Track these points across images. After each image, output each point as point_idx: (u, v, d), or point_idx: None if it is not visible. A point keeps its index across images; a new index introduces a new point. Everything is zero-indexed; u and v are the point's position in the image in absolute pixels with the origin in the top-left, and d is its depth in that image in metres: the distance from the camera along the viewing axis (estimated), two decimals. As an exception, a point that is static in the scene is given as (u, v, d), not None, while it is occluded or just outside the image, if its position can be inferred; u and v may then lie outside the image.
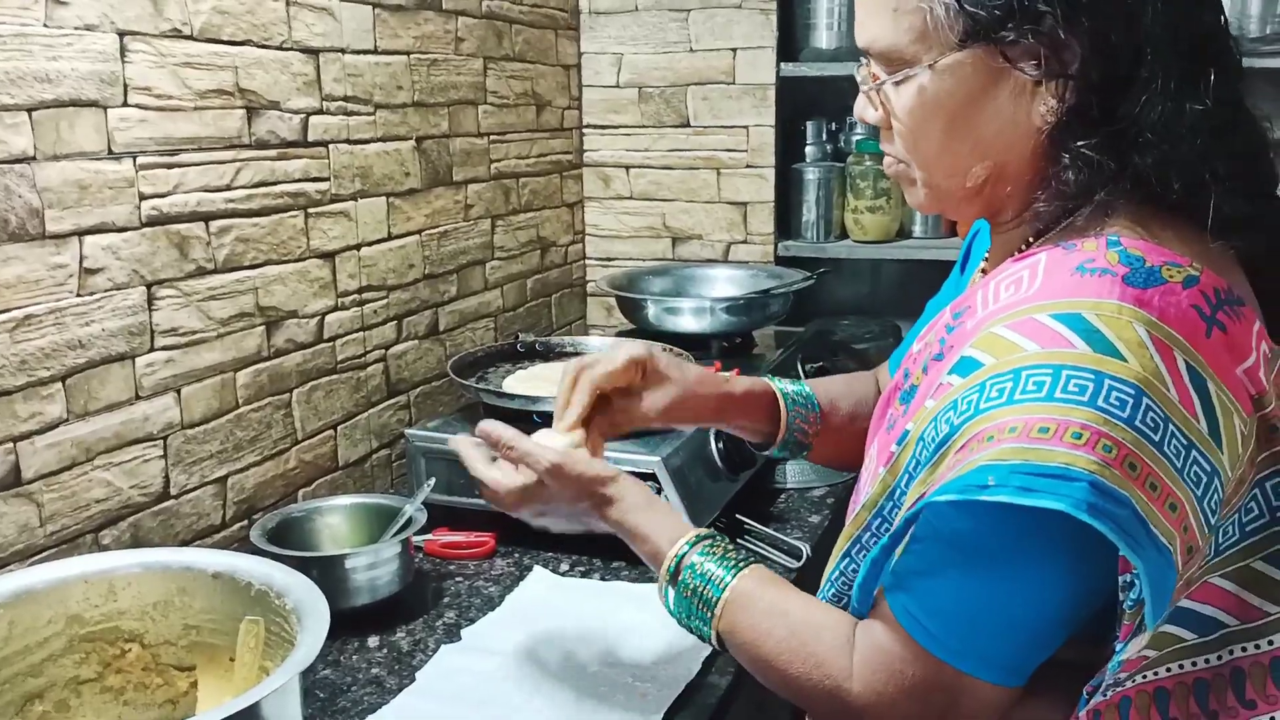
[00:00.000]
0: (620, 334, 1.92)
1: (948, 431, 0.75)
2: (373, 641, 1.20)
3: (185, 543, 1.30)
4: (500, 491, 1.00)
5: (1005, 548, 0.74)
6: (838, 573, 0.91)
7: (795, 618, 0.87)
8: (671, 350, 1.28)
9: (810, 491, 1.58)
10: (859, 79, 0.89)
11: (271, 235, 1.39)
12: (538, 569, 1.35)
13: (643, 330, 1.85)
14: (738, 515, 1.43)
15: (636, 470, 1.30)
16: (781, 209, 2.16)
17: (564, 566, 1.38)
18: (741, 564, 0.91)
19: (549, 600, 1.28)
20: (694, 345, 1.69)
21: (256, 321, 1.38)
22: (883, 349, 2.19)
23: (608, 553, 1.38)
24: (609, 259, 2.24)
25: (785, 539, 1.40)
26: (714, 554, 0.92)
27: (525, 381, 1.54)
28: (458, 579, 1.35)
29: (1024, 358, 0.74)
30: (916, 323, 1.16)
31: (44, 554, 1.13)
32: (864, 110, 0.90)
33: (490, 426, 1.01)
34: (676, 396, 1.08)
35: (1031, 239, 0.86)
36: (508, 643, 1.18)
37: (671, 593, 0.93)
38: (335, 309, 1.52)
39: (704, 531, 0.95)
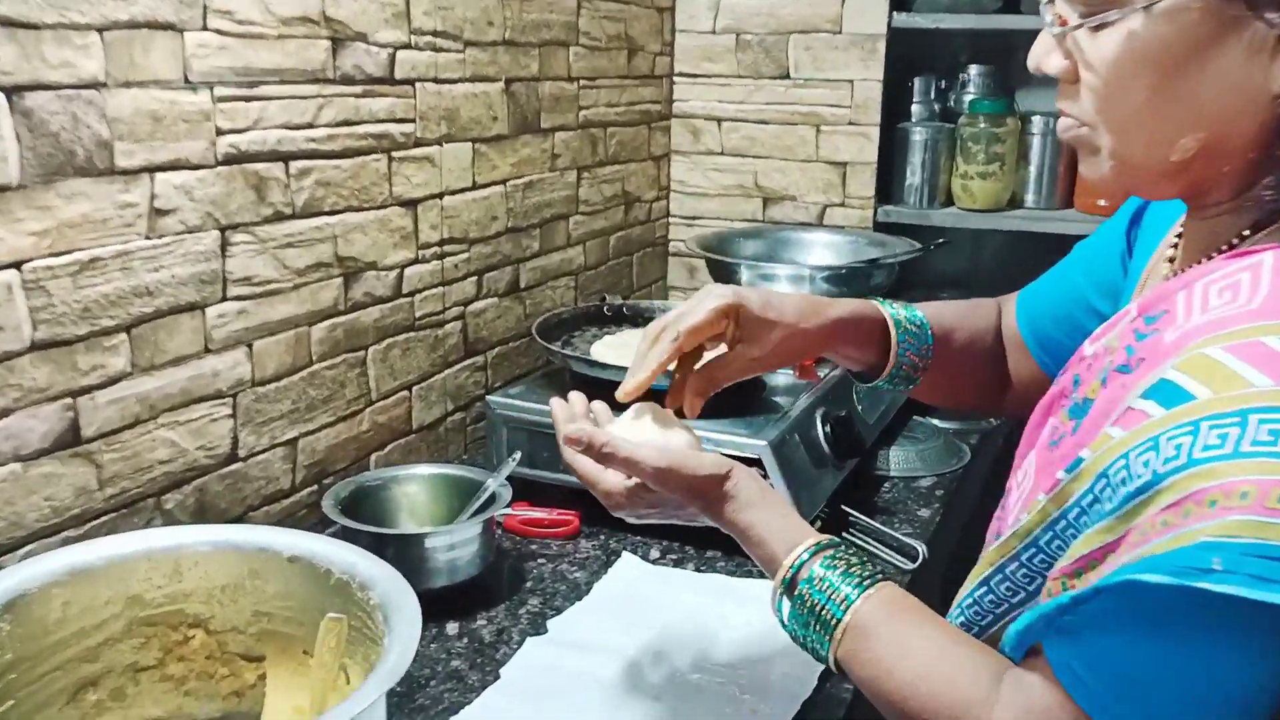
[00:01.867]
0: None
1: (1148, 480, 0.61)
2: (452, 628, 1.10)
3: (253, 509, 1.21)
4: (611, 496, 0.89)
5: (1206, 624, 0.61)
6: (971, 600, 0.79)
7: (928, 654, 0.75)
8: (761, 286, 1.15)
9: (916, 481, 1.46)
10: (1045, 20, 0.75)
11: (353, 179, 1.28)
12: (627, 555, 1.24)
13: (735, 296, 1.73)
14: (843, 507, 1.31)
15: (740, 455, 1.19)
16: (883, 171, 2.01)
17: (654, 553, 1.27)
18: (868, 581, 0.79)
19: (640, 591, 1.17)
20: (790, 315, 1.57)
21: (334, 272, 1.28)
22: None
23: (700, 541, 1.27)
24: (694, 218, 2.11)
25: (896, 535, 1.28)
26: (837, 566, 0.80)
27: (613, 348, 1.42)
28: (540, 560, 1.25)
29: (1252, 396, 0.60)
30: (1039, 292, 1.04)
31: (102, 519, 1.03)
32: (1045, 58, 0.75)
33: (580, 430, 0.88)
34: (777, 339, 0.96)
35: (1247, 231, 0.73)
36: (597, 638, 1.08)
37: (786, 605, 0.82)
38: (415, 261, 1.41)
39: (826, 538, 0.83)
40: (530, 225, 1.66)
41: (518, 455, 1.21)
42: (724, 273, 1.76)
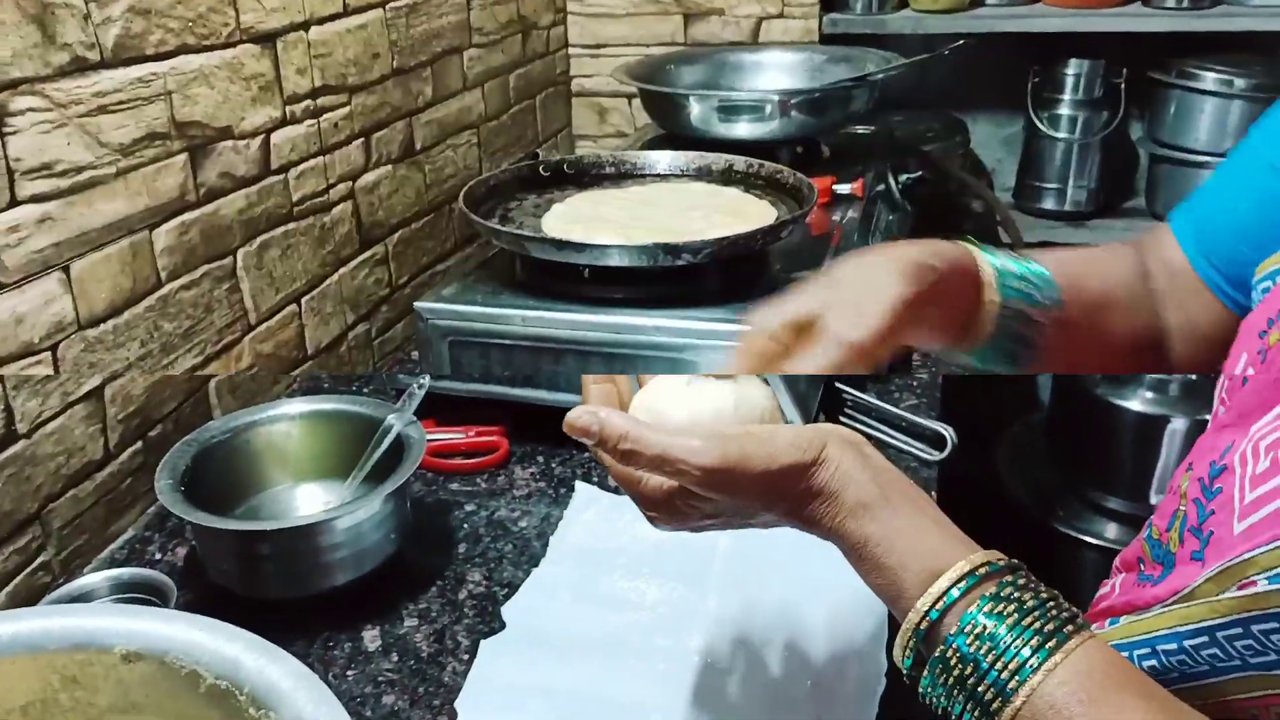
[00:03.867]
0: (647, 144, 1.44)
1: None
2: (372, 640, 0.77)
3: (52, 497, 0.82)
4: (651, 507, 0.59)
5: None
6: (1178, 647, 0.54)
7: None
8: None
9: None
10: None
11: (183, 5, 0.87)
12: (581, 487, 0.92)
13: (683, 137, 1.38)
14: (836, 384, 1.02)
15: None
16: (824, -27, 1.67)
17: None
18: (1055, 636, 0.49)
19: (614, 539, 0.85)
20: (756, 154, 1.23)
21: (174, 146, 0.87)
22: (949, 149, 1.77)
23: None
24: (598, 46, 1.73)
25: (904, 414, 1.00)
26: (1007, 610, 0.50)
27: (569, 220, 1.07)
28: (468, 508, 0.91)
29: None
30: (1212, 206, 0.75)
31: None
32: None
33: (586, 417, 0.56)
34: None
35: None
36: (575, 626, 0.76)
37: (923, 664, 0.52)
38: (283, 122, 1.01)
39: (987, 558, 0.52)
40: (419, 64, 1.25)
41: (425, 381, 0.86)
42: (665, 108, 1.40)
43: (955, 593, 0.50)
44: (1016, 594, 0.50)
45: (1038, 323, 0.71)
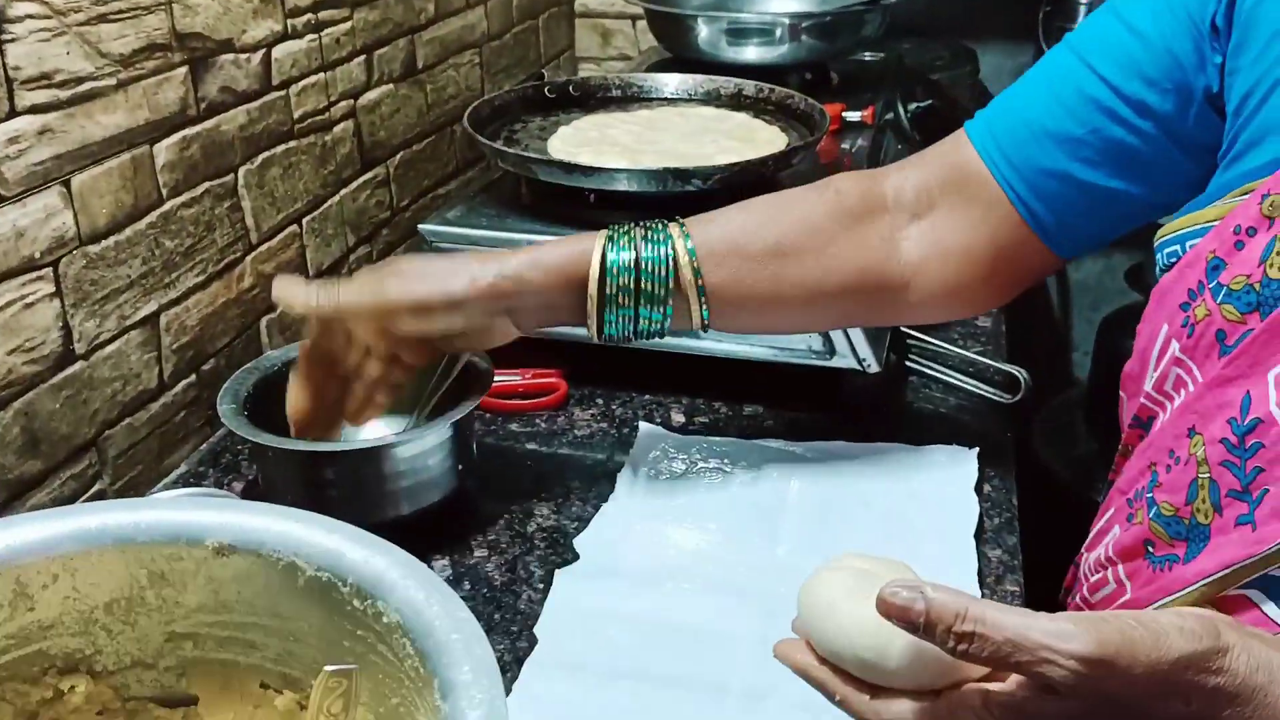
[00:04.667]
0: (652, 68, 1.41)
1: None
2: (441, 568, 0.77)
3: (109, 424, 0.82)
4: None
5: None
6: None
7: None
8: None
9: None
10: None
11: (183, -90, 0.84)
12: (646, 427, 0.92)
13: (689, 61, 1.35)
14: (903, 329, 1.02)
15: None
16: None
17: (677, 416, 0.95)
18: None
19: (684, 478, 0.86)
20: (765, 77, 1.21)
21: (175, 59, 0.85)
22: (958, 79, 1.74)
23: (734, 393, 0.96)
24: (602, -35, 1.69)
25: (973, 357, 0.99)
26: None
27: (576, 143, 1.05)
28: (529, 446, 0.91)
29: None
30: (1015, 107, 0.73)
31: None
32: None
33: (913, 597, 0.44)
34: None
35: None
36: (651, 555, 0.77)
37: None
38: (284, 36, 0.98)
39: None
40: (421, -22, 1.22)
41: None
42: (671, 30, 1.37)
43: None
44: None
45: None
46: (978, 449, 0.86)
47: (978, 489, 0.82)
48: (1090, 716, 0.43)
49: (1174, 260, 0.61)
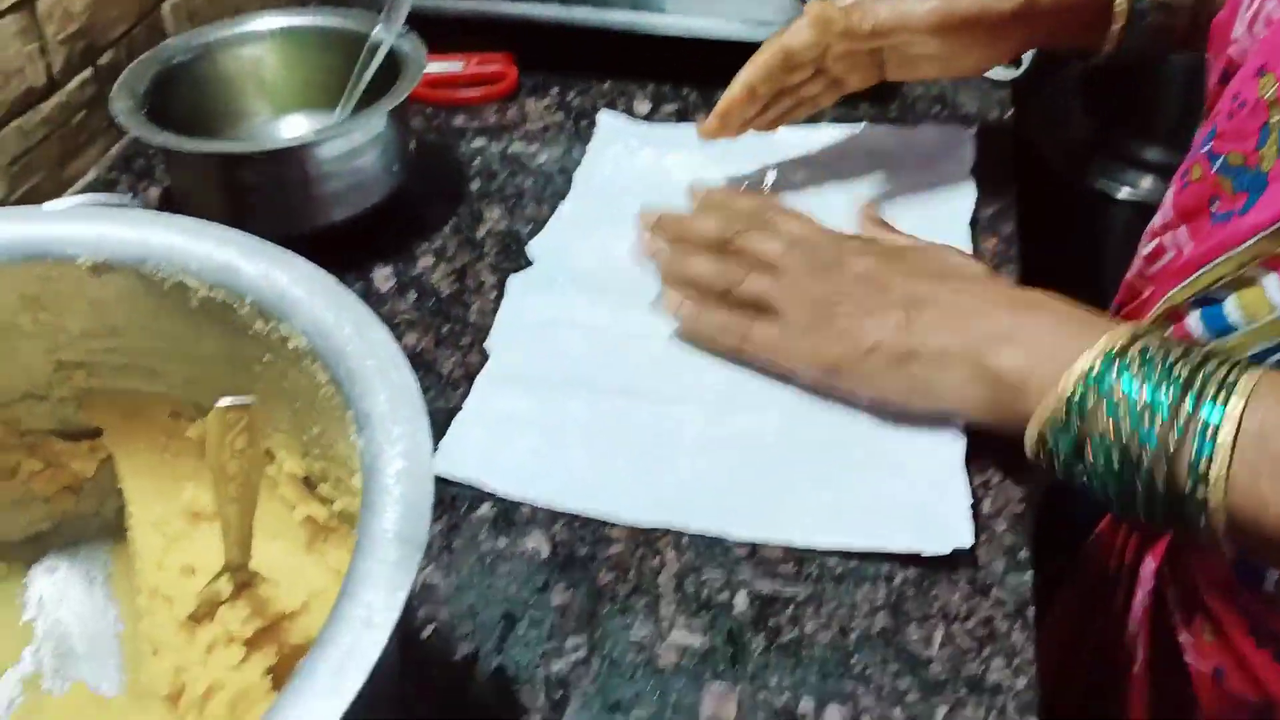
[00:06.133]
0: None
1: None
2: (383, 278, 0.70)
3: None
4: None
5: None
6: None
7: None
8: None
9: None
10: None
11: None
12: (605, 116, 0.83)
13: None
14: None
15: None
16: None
17: (641, 105, 0.86)
18: (1230, 380, 0.44)
19: (650, 173, 0.77)
20: None
21: None
22: None
23: (707, 79, 0.86)
24: None
25: None
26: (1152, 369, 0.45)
27: None
28: (475, 142, 0.82)
29: None
30: None
31: None
32: None
33: None
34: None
35: None
36: (608, 260, 0.69)
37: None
38: None
39: (1134, 330, 0.48)
40: None
41: (411, -10, 0.73)
42: None
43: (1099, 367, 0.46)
44: (1159, 351, 0.46)
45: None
46: (975, 128, 0.78)
47: (974, 172, 0.75)
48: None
49: None
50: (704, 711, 0.47)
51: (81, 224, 0.45)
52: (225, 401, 0.39)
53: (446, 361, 0.64)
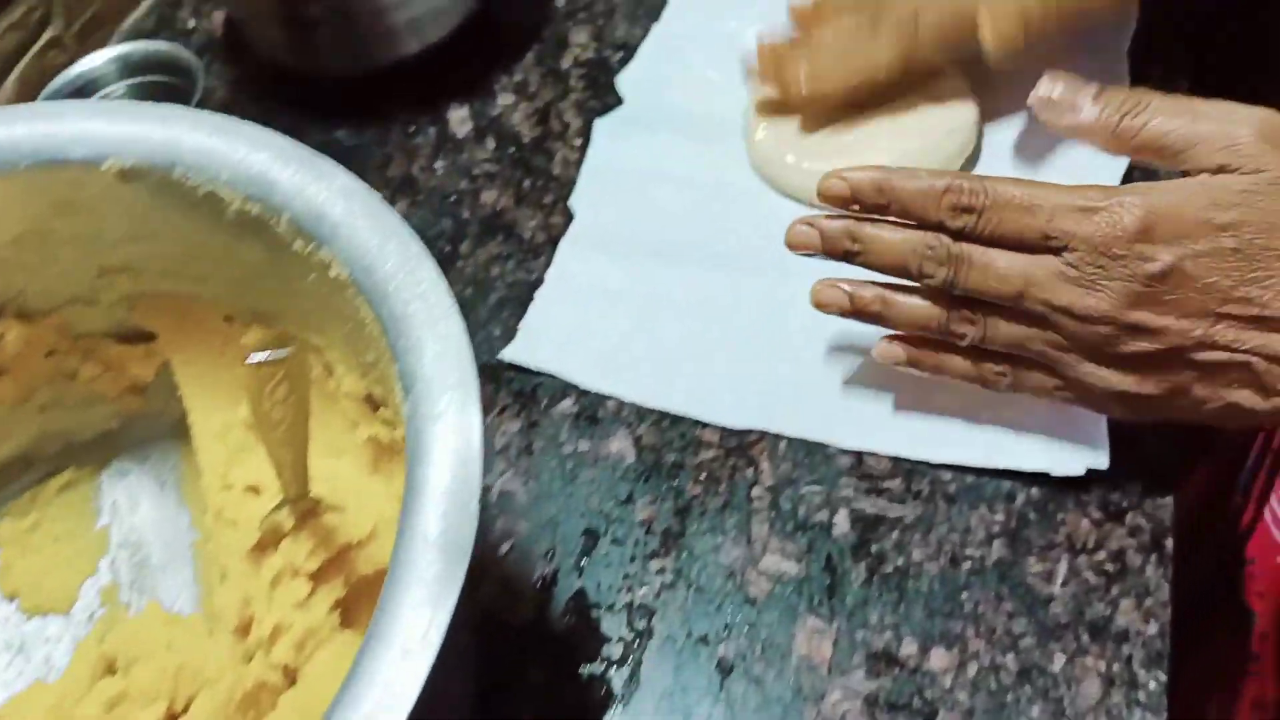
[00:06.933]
0: None
1: None
2: (459, 121, 0.64)
3: None
4: None
5: None
6: None
7: None
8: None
9: None
10: None
11: None
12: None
13: None
14: None
15: None
16: None
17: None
18: None
19: None
20: None
21: None
22: None
23: None
24: None
25: None
26: None
27: None
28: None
29: None
30: None
31: None
32: None
33: None
34: None
35: None
36: (712, 97, 0.61)
37: None
38: None
39: None
40: None
41: None
42: None
43: None
44: None
45: None
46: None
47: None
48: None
49: None
50: (796, 649, 0.43)
51: (101, 121, 0.41)
52: (258, 357, 0.35)
53: (527, 224, 0.59)
